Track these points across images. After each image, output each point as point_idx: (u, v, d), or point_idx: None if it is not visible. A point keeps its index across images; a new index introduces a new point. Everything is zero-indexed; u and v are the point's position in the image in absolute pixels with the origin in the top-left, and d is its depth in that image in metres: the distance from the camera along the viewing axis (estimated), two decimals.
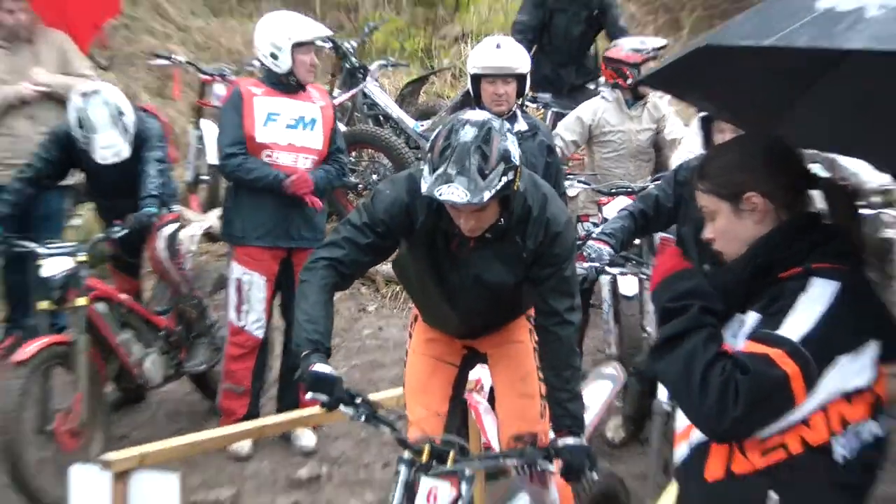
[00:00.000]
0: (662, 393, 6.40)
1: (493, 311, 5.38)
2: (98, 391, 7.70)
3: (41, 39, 9.22)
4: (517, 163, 4.66)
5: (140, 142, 7.84)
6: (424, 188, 4.61)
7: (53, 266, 7.44)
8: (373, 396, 5.70)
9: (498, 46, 7.51)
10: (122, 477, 4.91)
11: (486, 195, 4.50)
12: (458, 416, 5.84)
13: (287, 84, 7.84)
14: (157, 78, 12.75)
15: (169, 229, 8.20)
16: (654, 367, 3.56)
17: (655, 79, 5.00)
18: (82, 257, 7.53)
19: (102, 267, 9.03)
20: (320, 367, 4.65)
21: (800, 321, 3.25)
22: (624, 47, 9.18)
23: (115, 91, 8.00)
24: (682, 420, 3.61)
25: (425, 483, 4.70)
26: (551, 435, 5.20)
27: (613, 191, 8.02)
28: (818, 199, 3.68)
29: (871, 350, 3.33)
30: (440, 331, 5.69)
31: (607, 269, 6.79)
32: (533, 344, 5.46)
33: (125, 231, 7.65)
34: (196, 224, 9.17)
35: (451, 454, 4.73)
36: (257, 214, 7.85)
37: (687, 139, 8.15)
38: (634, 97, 8.80)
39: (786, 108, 3.87)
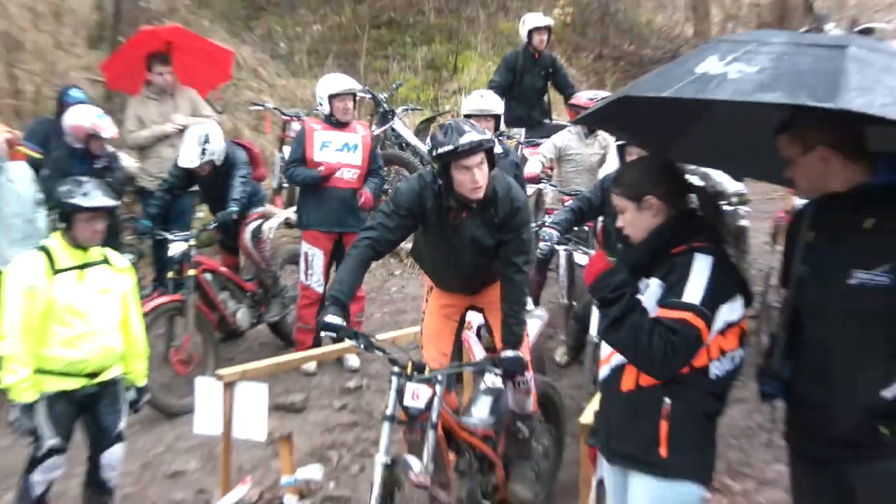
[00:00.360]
0: (593, 329, 6.49)
1: (481, 266, 5.33)
2: (208, 332, 7.82)
3: (179, 93, 9.27)
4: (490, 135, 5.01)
5: (230, 165, 7.98)
6: (448, 150, 4.79)
7: (174, 248, 7.60)
8: (397, 332, 5.77)
9: (481, 96, 7.61)
10: (229, 386, 4.95)
11: (488, 136, 4.83)
12: (457, 351, 5.84)
13: (334, 122, 7.92)
14: (254, 118, 12.72)
15: (253, 224, 8.28)
16: (607, 340, 3.59)
17: (589, 117, 5.12)
18: (192, 242, 7.70)
19: (214, 247, 9.14)
20: (330, 318, 4.76)
21: (695, 288, 3.40)
22: (583, 97, 9.14)
23: (213, 128, 8.15)
24: (605, 350, 3.73)
25: (409, 387, 4.74)
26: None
27: (571, 192, 7.98)
28: (694, 199, 3.74)
29: (739, 299, 3.47)
30: (448, 292, 5.64)
31: (556, 246, 6.88)
32: None
33: (215, 224, 7.91)
34: (276, 218, 9.29)
35: (428, 367, 4.87)
36: (318, 209, 7.93)
37: (609, 158, 8.18)
38: (590, 130, 8.70)
39: (676, 137, 3.88)
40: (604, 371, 3.72)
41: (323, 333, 4.89)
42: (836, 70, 2.77)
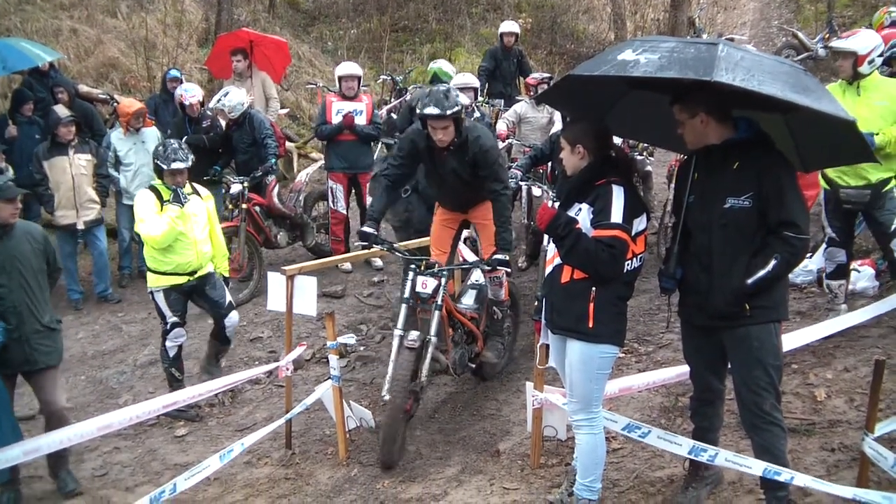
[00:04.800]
0: (546, 241, 6.30)
1: (461, 189, 5.15)
2: (257, 249, 7.55)
3: (255, 75, 9.03)
4: (463, 104, 4.75)
5: (259, 133, 7.48)
6: (420, 115, 4.70)
7: (234, 188, 7.32)
8: (408, 243, 5.60)
9: (463, 75, 7.64)
10: (291, 279, 4.79)
11: (448, 112, 4.59)
12: (453, 253, 5.67)
13: (346, 95, 7.69)
14: (310, 94, 12.46)
15: (276, 189, 7.80)
16: (568, 262, 3.47)
17: (544, 97, 5.14)
18: (246, 184, 7.30)
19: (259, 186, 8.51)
20: (365, 228, 4.82)
21: (617, 210, 3.37)
22: (532, 78, 8.88)
23: (239, 93, 7.71)
24: (550, 252, 3.69)
25: (420, 279, 4.68)
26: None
27: (529, 146, 7.67)
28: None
29: (643, 215, 3.49)
30: (446, 209, 5.46)
31: (520, 183, 6.62)
32: None
33: (261, 173, 7.41)
34: (312, 165, 9.19)
35: (436, 264, 4.76)
36: (337, 157, 7.75)
37: (556, 120, 7.88)
38: (538, 101, 8.30)
39: (602, 115, 3.74)
40: (548, 269, 3.66)
41: (359, 240, 4.82)
42: (711, 58, 2.88)
